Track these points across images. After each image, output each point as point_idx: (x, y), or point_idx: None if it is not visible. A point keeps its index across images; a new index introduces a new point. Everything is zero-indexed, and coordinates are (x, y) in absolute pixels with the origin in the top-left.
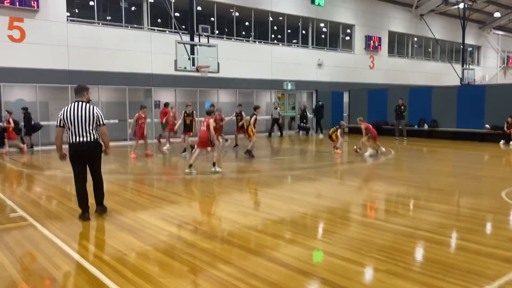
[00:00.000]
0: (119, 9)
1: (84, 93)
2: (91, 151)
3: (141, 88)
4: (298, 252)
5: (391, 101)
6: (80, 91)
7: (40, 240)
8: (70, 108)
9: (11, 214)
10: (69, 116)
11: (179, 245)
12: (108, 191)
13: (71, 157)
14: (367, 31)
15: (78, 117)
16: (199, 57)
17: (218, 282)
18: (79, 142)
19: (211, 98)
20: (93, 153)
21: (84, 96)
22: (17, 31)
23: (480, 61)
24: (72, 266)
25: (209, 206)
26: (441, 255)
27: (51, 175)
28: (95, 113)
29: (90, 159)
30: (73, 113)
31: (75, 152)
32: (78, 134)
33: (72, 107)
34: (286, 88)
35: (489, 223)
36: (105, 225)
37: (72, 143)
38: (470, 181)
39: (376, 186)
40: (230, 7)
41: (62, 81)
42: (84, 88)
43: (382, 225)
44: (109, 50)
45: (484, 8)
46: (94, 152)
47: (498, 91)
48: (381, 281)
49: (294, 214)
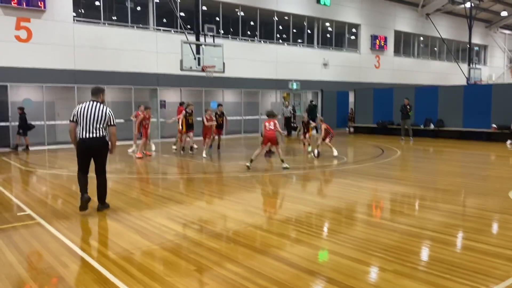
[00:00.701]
0: (124, 9)
1: (99, 95)
2: (97, 147)
3: (147, 88)
4: (304, 251)
5: (397, 100)
6: (97, 93)
7: (48, 238)
8: (85, 106)
9: (18, 213)
10: (83, 112)
11: (186, 244)
12: (116, 191)
13: (77, 151)
14: (373, 30)
15: (90, 115)
16: (205, 57)
17: (224, 281)
18: (87, 138)
19: (216, 98)
20: (99, 149)
21: (100, 97)
22: (24, 31)
23: (487, 61)
24: (79, 265)
25: (217, 206)
26: (448, 255)
27: (57, 174)
28: (107, 113)
29: (95, 155)
30: (86, 111)
31: (82, 146)
32: (88, 130)
33: (87, 105)
34: (291, 87)
35: (496, 223)
36: (112, 224)
37: (80, 138)
38: (477, 181)
39: (382, 186)
40: (236, 6)
41: (69, 81)
42: (100, 90)
43: (388, 225)
44: (115, 50)
45: (491, 7)
46: (100, 149)
47: (505, 91)
48: (388, 281)
49: (300, 214)
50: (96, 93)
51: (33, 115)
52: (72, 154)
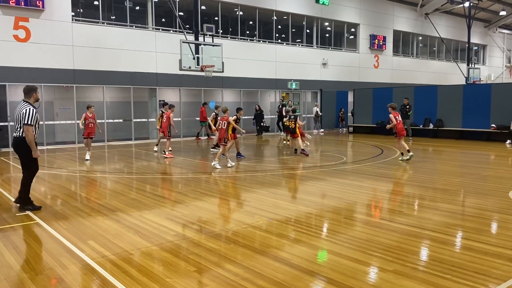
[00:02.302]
0: (123, 9)
1: (32, 94)
2: (15, 146)
3: (146, 87)
4: (304, 252)
5: (396, 100)
6: (28, 92)
7: (47, 239)
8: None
9: (17, 213)
10: (14, 113)
11: (185, 245)
12: (116, 191)
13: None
14: (372, 30)
15: (15, 115)
16: (204, 57)
17: (224, 282)
18: (13, 137)
19: (215, 97)
20: (17, 148)
21: (32, 97)
22: (23, 31)
23: (486, 60)
24: (79, 266)
25: (215, 206)
26: (448, 255)
27: (56, 174)
28: (22, 112)
29: (17, 154)
30: (15, 111)
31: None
32: (14, 130)
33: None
34: (291, 87)
35: (496, 223)
36: (112, 224)
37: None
38: (477, 181)
39: (382, 186)
40: (235, 6)
41: (67, 80)
42: (32, 89)
43: (388, 225)
44: (114, 49)
45: (490, 6)
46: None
47: (504, 90)
48: (389, 281)
49: (300, 214)
50: (27, 93)
51: None
52: (70, 154)
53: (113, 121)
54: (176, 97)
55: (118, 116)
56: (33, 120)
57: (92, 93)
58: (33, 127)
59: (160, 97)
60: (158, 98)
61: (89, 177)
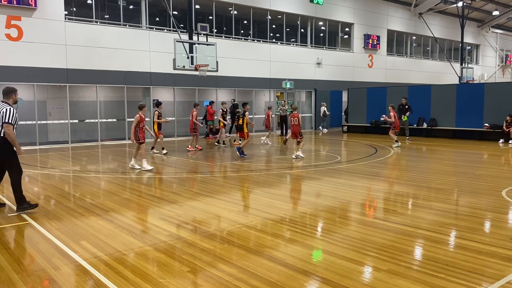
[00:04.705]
0: (117, 8)
1: (11, 95)
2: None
3: (140, 87)
4: (299, 251)
5: (390, 99)
6: (7, 93)
7: (39, 240)
8: None
9: (9, 213)
10: None
11: (179, 245)
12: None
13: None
14: (366, 29)
15: None
16: (198, 56)
17: (218, 282)
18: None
19: (209, 97)
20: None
21: (11, 98)
22: (15, 29)
23: (479, 60)
24: (71, 267)
25: (209, 206)
26: (442, 254)
27: (49, 174)
28: (1, 111)
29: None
30: None
31: None
32: None
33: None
34: (285, 87)
35: (489, 222)
36: (105, 225)
37: None
38: (470, 180)
39: (376, 185)
40: (229, 5)
41: (60, 80)
42: (11, 91)
43: (382, 224)
44: (107, 48)
45: (483, 6)
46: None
47: (497, 90)
48: (383, 280)
49: (294, 214)
50: (6, 94)
51: (25, 114)
52: (63, 154)
53: (107, 121)
54: (170, 96)
55: (112, 115)
56: (13, 119)
57: (85, 93)
58: (13, 126)
59: (154, 97)
60: (152, 98)
61: (82, 177)
